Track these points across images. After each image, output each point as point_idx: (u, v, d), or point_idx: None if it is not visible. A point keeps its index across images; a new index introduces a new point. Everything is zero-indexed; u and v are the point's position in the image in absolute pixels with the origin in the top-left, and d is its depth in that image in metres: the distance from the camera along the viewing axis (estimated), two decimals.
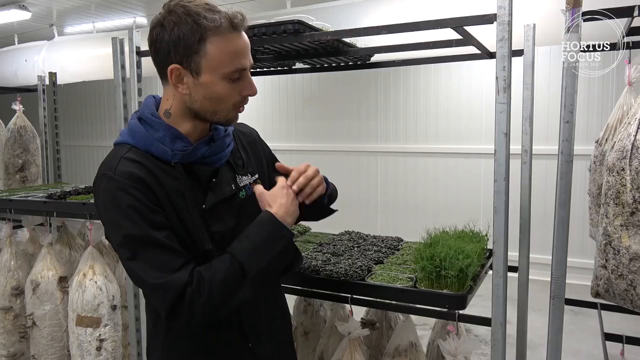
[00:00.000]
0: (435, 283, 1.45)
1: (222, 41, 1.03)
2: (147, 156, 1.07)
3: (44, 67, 5.13)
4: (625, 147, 1.22)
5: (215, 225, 1.13)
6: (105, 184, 1.03)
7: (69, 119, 8.12)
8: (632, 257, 1.20)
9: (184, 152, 1.09)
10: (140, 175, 1.03)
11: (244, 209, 1.19)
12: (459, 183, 5.47)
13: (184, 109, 1.10)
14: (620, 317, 1.92)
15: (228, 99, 1.08)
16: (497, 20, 1.27)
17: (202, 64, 1.03)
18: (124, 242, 1.02)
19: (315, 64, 2.14)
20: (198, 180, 1.13)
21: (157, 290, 1.01)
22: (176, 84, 1.06)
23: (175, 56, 1.03)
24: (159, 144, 1.08)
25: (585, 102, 4.79)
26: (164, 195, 1.06)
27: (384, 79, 5.82)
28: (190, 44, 1.02)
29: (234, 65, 1.05)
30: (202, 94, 1.06)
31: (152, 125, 1.10)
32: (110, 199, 1.02)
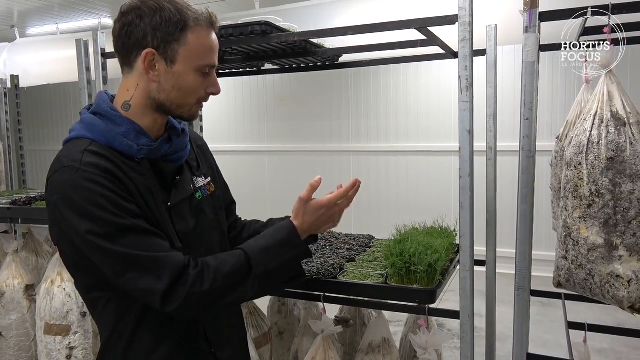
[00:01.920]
0: (405, 279, 1.48)
1: (201, 34, 1.04)
2: (109, 151, 1.03)
3: (5, 70, 4.98)
4: (581, 142, 1.27)
5: (179, 223, 1.11)
6: (70, 175, 0.97)
7: (34, 123, 7.90)
8: (590, 247, 1.25)
9: (150, 147, 1.07)
10: (108, 167, 0.99)
11: (201, 209, 1.19)
12: (431, 180, 5.56)
13: (146, 100, 1.07)
14: (585, 306, 2.00)
15: (195, 93, 1.08)
16: (458, 21, 1.30)
17: (179, 53, 1.03)
18: (100, 230, 0.95)
19: (284, 65, 2.15)
20: (163, 177, 1.11)
21: (151, 267, 0.96)
22: (147, 69, 1.04)
23: (153, 41, 1.02)
24: (122, 138, 1.04)
25: (549, 100, 4.93)
26: (134, 189, 1.03)
27: (355, 79, 5.86)
28: (171, 31, 1.02)
29: (207, 59, 1.06)
30: (171, 83, 1.05)
31: (112, 119, 1.05)
32: (78, 190, 0.96)
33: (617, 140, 1.23)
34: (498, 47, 1.81)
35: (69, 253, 1.06)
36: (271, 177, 6.34)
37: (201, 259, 1.03)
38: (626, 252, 1.22)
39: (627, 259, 1.22)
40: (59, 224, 1.01)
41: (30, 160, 5.93)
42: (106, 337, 1.12)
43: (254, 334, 1.95)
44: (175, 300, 0.97)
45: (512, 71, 4.82)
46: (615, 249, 1.23)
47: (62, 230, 1.01)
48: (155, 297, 0.97)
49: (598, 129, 1.25)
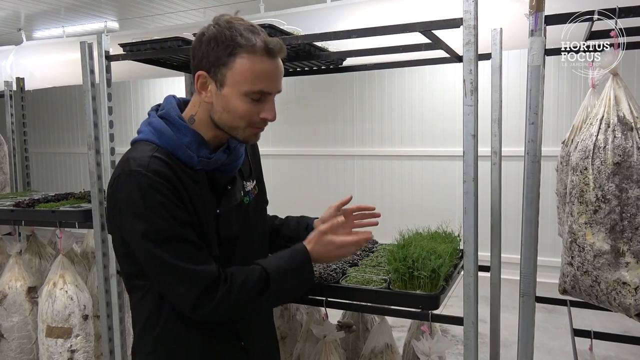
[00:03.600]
0: (408, 284, 1.47)
1: (251, 60, 1.07)
2: (172, 158, 1.11)
3: (11, 73, 5.01)
4: (587, 147, 1.25)
5: (224, 229, 1.18)
6: (137, 179, 1.05)
7: (39, 125, 7.94)
8: (596, 253, 1.23)
9: (209, 159, 1.14)
10: (169, 175, 1.07)
11: (247, 214, 1.26)
12: (435, 185, 5.54)
13: (207, 118, 1.14)
14: (591, 313, 1.98)
15: (244, 117, 1.11)
16: (463, 24, 1.29)
17: (227, 77, 1.08)
18: (152, 235, 1.05)
19: (288, 68, 2.14)
20: (215, 186, 1.18)
21: (188, 277, 1.05)
22: (200, 90, 1.11)
23: (206, 64, 1.09)
24: (186, 149, 1.11)
25: (554, 104, 4.91)
26: (187, 197, 1.10)
27: (359, 83, 5.86)
28: (220, 55, 1.07)
29: (256, 85, 1.09)
30: (222, 105, 1.11)
31: (179, 128, 1.13)
32: (142, 194, 1.04)
33: (624, 145, 1.21)
34: (503, 51, 1.80)
35: (118, 245, 1.16)
36: (276, 181, 6.34)
37: (230, 273, 1.11)
38: (633, 259, 1.20)
39: (634, 266, 1.20)
40: (116, 220, 1.10)
41: (35, 162, 5.95)
42: (141, 325, 1.20)
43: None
44: (203, 309, 1.07)
45: (518, 76, 4.80)
46: (622, 255, 1.21)
47: (117, 226, 1.11)
48: (186, 304, 1.07)
49: (604, 133, 1.24)
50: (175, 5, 4.86)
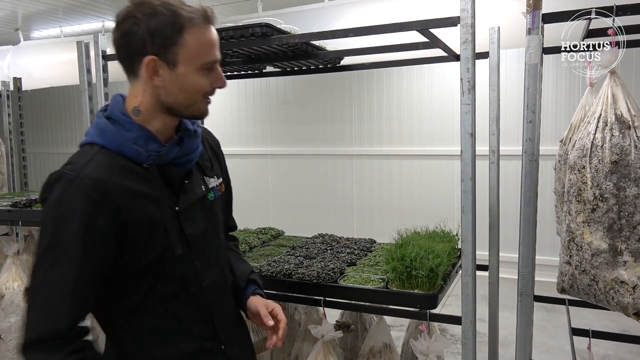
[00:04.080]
0: (406, 283, 1.46)
1: (199, 33, 1.03)
2: (118, 158, 1.04)
3: (9, 73, 4.99)
4: (585, 145, 1.25)
5: (189, 227, 1.12)
6: (65, 185, 0.98)
7: (36, 125, 7.92)
8: (594, 252, 1.23)
9: (158, 153, 1.06)
10: (104, 184, 0.99)
11: (213, 211, 1.19)
12: (434, 184, 5.53)
13: (155, 104, 1.07)
14: (589, 312, 1.97)
15: (200, 90, 1.07)
16: (460, 23, 1.29)
17: (179, 55, 1.02)
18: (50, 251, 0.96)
19: (285, 67, 2.14)
20: (170, 181, 1.10)
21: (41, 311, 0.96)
22: (152, 76, 1.04)
23: (152, 47, 1.01)
24: (132, 144, 1.04)
25: (552, 103, 4.90)
26: (130, 204, 1.02)
27: (358, 83, 5.85)
28: (169, 35, 1.01)
29: (209, 56, 1.06)
30: (177, 86, 1.05)
31: (123, 125, 1.06)
32: (63, 201, 0.97)
33: (622, 143, 1.21)
34: (501, 50, 1.79)
35: None
36: (274, 181, 6.33)
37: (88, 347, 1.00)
38: (631, 258, 1.20)
39: (632, 265, 1.20)
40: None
41: (32, 162, 5.94)
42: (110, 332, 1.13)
43: (254, 338, 1.93)
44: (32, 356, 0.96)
45: (516, 75, 4.79)
46: (620, 254, 1.21)
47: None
48: (21, 342, 0.96)
49: (602, 132, 1.24)
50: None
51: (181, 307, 1.12)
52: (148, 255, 1.05)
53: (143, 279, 1.07)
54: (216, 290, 1.18)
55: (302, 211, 5.96)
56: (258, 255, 1.95)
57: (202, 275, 1.14)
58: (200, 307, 1.14)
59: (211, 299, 1.16)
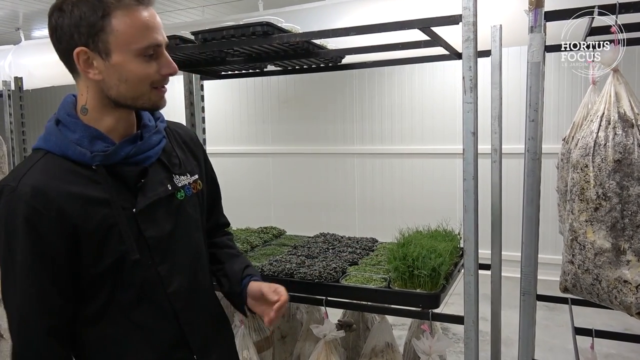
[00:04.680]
0: (408, 283, 1.46)
1: (128, 15, 0.94)
2: (62, 162, 0.98)
3: (10, 72, 5.00)
4: (588, 144, 1.24)
5: (149, 230, 1.04)
6: (7, 196, 0.95)
7: (38, 124, 7.93)
8: (597, 251, 1.22)
9: (105, 152, 0.99)
10: (45, 190, 0.94)
11: (183, 210, 1.11)
12: (435, 183, 5.52)
13: (102, 100, 1.00)
14: (592, 311, 1.97)
15: (145, 80, 0.98)
16: (462, 21, 1.28)
17: (110, 43, 0.94)
18: (7, 267, 0.96)
19: (286, 66, 2.13)
20: (124, 182, 1.02)
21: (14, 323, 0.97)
22: (85, 69, 0.97)
23: (80, 38, 0.94)
24: (75, 146, 0.98)
25: (555, 102, 4.89)
26: (77, 209, 0.96)
27: (359, 81, 5.85)
28: (93, 22, 0.93)
29: (146, 40, 0.96)
30: (116, 77, 0.97)
31: (68, 126, 1.00)
32: (7, 214, 0.94)
33: (625, 142, 1.20)
34: (503, 48, 1.78)
35: None
36: (275, 179, 6.33)
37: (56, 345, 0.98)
38: (634, 257, 1.20)
39: (635, 264, 1.20)
40: None
41: None
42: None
43: (256, 338, 1.93)
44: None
45: (518, 73, 4.78)
46: (623, 253, 1.20)
47: None
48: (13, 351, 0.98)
49: (605, 130, 1.23)
50: (173, 3, 4.85)
51: (144, 316, 1.05)
52: (103, 261, 0.99)
53: (102, 287, 1.01)
54: (185, 296, 1.10)
55: (304, 210, 5.96)
56: (260, 254, 1.95)
57: (167, 281, 1.07)
58: (166, 314, 1.07)
59: (179, 306, 1.08)
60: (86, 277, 1.00)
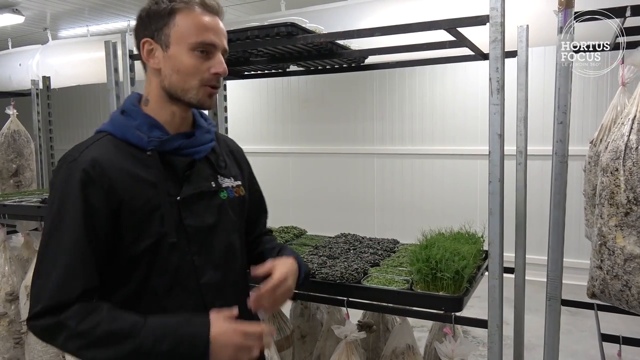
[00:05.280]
0: (431, 285, 1.45)
1: (190, 15, 1.07)
2: (122, 144, 1.07)
3: (37, 71, 5.11)
4: (618, 147, 1.22)
5: (189, 218, 1.09)
6: (68, 164, 1.03)
7: (64, 122, 8.09)
8: (626, 257, 1.20)
9: (160, 139, 1.08)
10: (101, 162, 1.02)
11: (225, 210, 1.16)
12: (456, 184, 5.47)
13: (159, 92, 1.11)
14: (617, 317, 1.92)
15: (195, 74, 1.08)
16: (489, 22, 1.27)
17: (170, 36, 1.07)
18: (56, 226, 1.00)
19: (309, 66, 2.14)
20: (174, 170, 1.10)
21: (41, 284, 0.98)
22: (147, 57, 1.09)
23: (148, 30, 1.09)
24: (135, 130, 1.08)
25: (580, 103, 4.80)
26: (126, 185, 1.03)
27: (380, 81, 5.82)
28: (161, 16, 1.07)
29: (201, 37, 1.07)
30: (170, 66, 1.08)
31: (130, 114, 1.11)
32: (65, 180, 1.02)
33: None
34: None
35: None
36: (295, 179, 6.34)
37: (102, 303, 0.99)
38: None
39: None
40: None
41: (59, 158, 6.05)
42: None
43: (276, 337, 1.94)
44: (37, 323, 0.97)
45: (542, 74, 4.70)
46: None
47: None
48: (32, 305, 0.98)
49: (637, 133, 1.20)
50: None
51: (174, 304, 1.08)
52: (142, 242, 1.04)
53: (137, 270, 1.05)
54: (216, 289, 1.12)
55: (323, 210, 5.96)
56: None
57: (201, 271, 1.10)
58: (196, 306, 1.09)
59: (209, 298, 1.11)
60: (124, 257, 1.04)
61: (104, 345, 0.96)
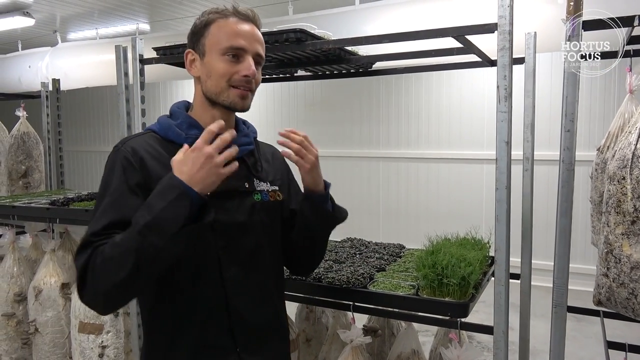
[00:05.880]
0: (437, 291, 1.45)
1: (222, 23, 1.15)
2: (163, 141, 1.17)
3: (47, 74, 5.16)
4: (625, 156, 1.22)
5: (217, 212, 1.10)
6: (113, 153, 1.15)
7: (72, 124, 8.15)
8: (633, 265, 1.20)
9: (197, 136, 1.09)
10: (140, 152, 1.12)
11: (257, 211, 1.20)
12: (462, 188, 5.47)
13: (202, 97, 1.19)
14: (623, 324, 1.92)
15: (224, 76, 1.14)
16: (497, 30, 1.27)
17: (206, 45, 1.15)
18: (102, 194, 1.10)
19: (317, 71, 2.15)
20: None
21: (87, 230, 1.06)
22: (189, 67, 1.20)
23: (190, 43, 1.20)
24: (175, 128, 1.18)
25: (587, 109, 4.79)
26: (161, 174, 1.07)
27: (386, 85, 5.83)
28: (199, 29, 1.17)
29: (230, 42, 1.13)
30: (205, 73, 1.16)
31: (174, 115, 1.22)
32: (112, 164, 1.13)
33: None
34: None
35: None
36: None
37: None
38: None
39: None
40: None
41: (68, 160, 6.10)
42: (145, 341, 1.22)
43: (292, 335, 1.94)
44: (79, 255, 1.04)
45: (548, 80, 4.71)
46: None
47: None
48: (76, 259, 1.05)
49: None
50: (205, 7, 4.93)
51: (198, 296, 1.13)
52: None
53: None
54: (239, 284, 1.16)
55: None
56: None
57: (226, 266, 1.14)
58: (218, 298, 1.14)
59: (231, 292, 1.15)
60: None
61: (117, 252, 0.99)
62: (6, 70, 5.73)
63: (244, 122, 1.33)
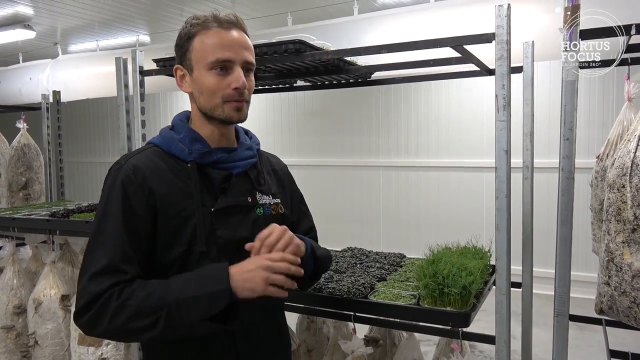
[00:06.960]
0: (438, 300, 1.45)
1: (205, 35, 1.11)
2: (165, 156, 1.15)
3: (48, 85, 5.18)
4: (625, 164, 1.22)
5: (221, 230, 1.13)
6: (115, 170, 1.12)
7: (73, 136, 8.17)
8: (634, 274, 1.20)
9: (200, 151, 1.14)
10: (143, 170, 1.10)
11: (259, 225, 1.18)
12: (462, 197, 5.46)
13: (198, 112, 1.17)
14: (625, 332, 1.90)
15: (216, 92, 1.11)
16: (495, 39, 1.28)
17: (192, 60, 1.12)
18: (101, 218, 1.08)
19: (316, 82, 2.16)
20: (211, 183, 1.15)
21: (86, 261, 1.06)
22: (180, 83, 1.18)
23: (177, 58, 1.17)
24: (178, 143, 1.15)
25: (585, 116, 4.80)
26: (164, 193, 1.09)
27: (385, 94, 5.85)
28: (183, 43, 1.14)
29: (215, 55, 1.10)
30: (197, 89, 1.14)
31: (177, 128, 1.19)
32: (112, 182, 1.10)
33: None
34: None
35: None
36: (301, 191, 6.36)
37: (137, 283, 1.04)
38: None
39: None
40: None
41: (69, 172, 6.11)
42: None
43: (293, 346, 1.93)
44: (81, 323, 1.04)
45: (547, 88, 4.72)
46: None
47: None
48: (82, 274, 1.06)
49: None
50: None
51: None
52: (174, 249, 1.09)
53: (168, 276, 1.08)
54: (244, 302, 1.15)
55: (328, 222, 5.95)
56: None
57: None
58: None
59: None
60: (159, 263, 1.10)
61: (141, 308, 1.00)
62: (7, 82, 5.75)
63: (247, 132, 1.31)
